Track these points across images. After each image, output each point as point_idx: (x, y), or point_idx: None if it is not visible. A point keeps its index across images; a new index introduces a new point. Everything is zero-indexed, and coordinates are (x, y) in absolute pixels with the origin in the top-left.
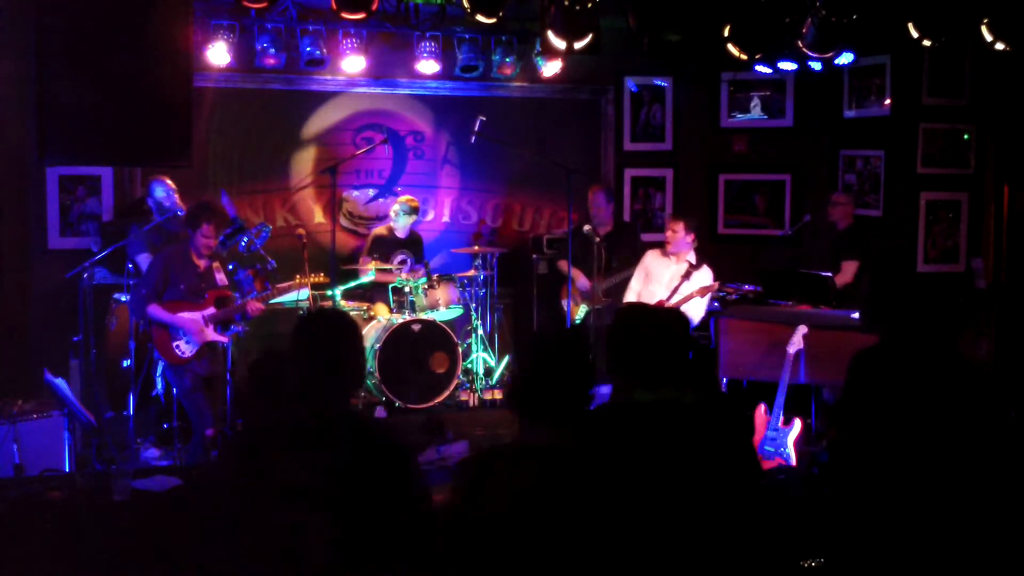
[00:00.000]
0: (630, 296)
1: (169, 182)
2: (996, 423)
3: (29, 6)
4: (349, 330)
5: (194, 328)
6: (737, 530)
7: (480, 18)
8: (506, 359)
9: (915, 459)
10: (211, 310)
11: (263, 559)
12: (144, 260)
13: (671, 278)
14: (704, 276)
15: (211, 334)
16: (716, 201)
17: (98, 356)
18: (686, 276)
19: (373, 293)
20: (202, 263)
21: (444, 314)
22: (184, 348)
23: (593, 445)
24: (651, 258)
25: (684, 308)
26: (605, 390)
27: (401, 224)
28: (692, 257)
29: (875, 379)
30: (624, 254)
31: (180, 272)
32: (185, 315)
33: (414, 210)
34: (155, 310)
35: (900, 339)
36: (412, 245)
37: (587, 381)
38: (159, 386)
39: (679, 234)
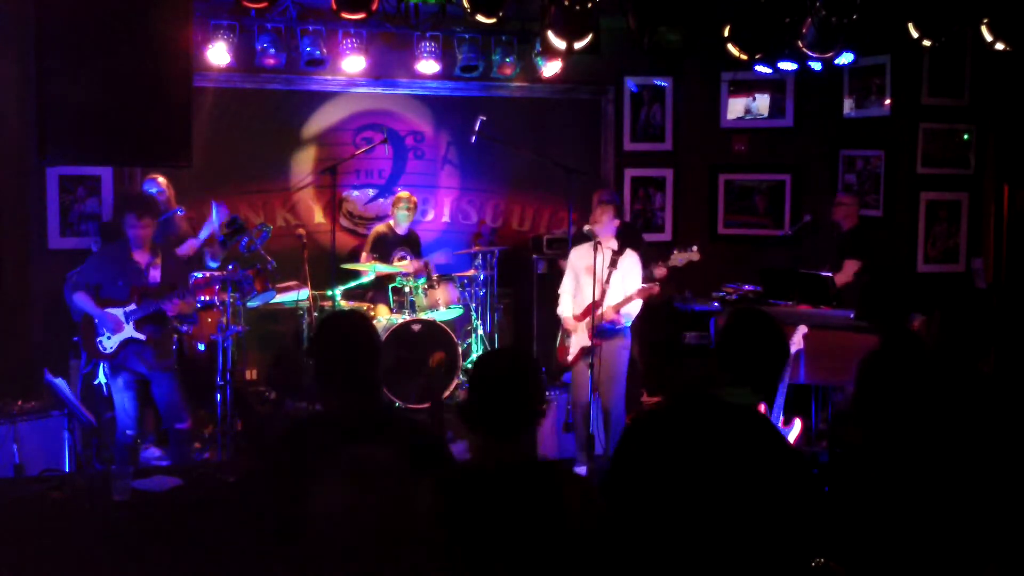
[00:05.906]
0: (564, 298)
1: (161, 180)
2: (1005, 426)
3: (29, 6)
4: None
5: (111, 324)
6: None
7: (480, 18)
8: None
9: (935, 463)
10: (132, 306)
11: (304, 548)
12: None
13: (600, 272)
14: (631, 261)
15: (130, 331)
16: (716, 201)
17: None
18: (613, 265)
19: (373, 293)
20: (143, 259)
21: (444, 314)
22: (105, 344)
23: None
24: (574, 255)
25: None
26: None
27: (401, 220)
28: (614, 244)
29: (886, 382)
30: None
31: (120, 270)
32: (107, 310)
33: (413, 206)
34: (82, 298)
35: (900, 340)
36: (411, 243)
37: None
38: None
39: (607, 216)
